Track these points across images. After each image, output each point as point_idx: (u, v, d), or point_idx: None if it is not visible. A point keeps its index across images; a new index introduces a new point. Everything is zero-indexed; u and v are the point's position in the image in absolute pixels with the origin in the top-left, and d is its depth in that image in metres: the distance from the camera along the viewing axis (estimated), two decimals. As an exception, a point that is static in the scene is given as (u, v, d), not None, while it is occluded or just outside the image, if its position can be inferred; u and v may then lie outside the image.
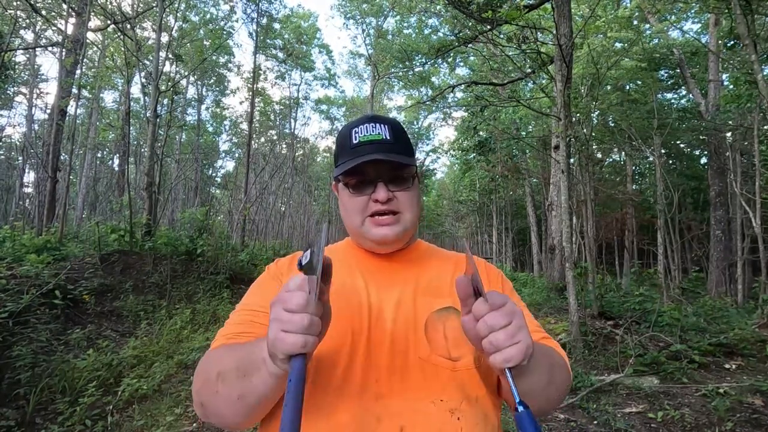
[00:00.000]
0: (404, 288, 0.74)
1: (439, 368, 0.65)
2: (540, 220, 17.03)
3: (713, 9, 6.87)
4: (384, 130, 0.74)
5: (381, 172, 0.72)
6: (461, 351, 0.66)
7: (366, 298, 0.72)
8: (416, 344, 0.67)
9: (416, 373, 0.65)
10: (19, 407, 2.87)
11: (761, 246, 7.08)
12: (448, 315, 0.69)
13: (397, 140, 0.74)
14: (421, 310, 0.70)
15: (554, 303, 7.70)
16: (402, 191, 0.74)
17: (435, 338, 0.67)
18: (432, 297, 0.72)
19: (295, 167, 23.44)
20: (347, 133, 0.75)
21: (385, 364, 0.65)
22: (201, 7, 16.55)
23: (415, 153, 0.78)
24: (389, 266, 0.78)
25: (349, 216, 0.76)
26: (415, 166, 0.76)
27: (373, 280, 0.75)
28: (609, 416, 3.13)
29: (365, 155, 0.71)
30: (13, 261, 4.66)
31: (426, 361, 0.65)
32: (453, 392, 0.64)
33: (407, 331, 0.68)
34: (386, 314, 0.70)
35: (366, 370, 0.64)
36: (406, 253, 0.81)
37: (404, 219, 0.74)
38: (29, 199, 17.36)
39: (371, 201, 0.73)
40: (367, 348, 0.66)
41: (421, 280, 0.75)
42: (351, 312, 0.69)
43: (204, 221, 7.49)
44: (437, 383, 0.64)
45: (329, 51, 25.17)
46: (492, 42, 7.73)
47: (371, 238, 0.74)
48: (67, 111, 8.87)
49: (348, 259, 0.80)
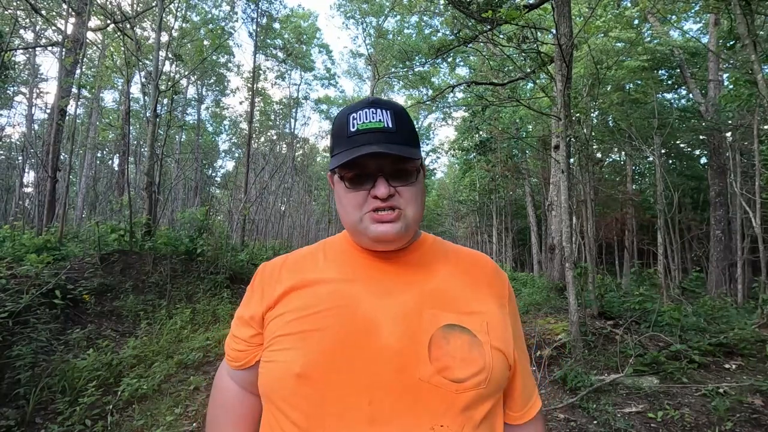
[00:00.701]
0: (407, 297, 0.65)
1: (441, 390, 0.58)
2: (540, 220, 17.03)
3: (713, 9, 6.87)
4: (386, 117, 0.65)
5: (382, 164, 0.64)
6: (467, 372, 0.60)
7: (361, 306, 0.64)
8: (417, 363, 0.59)
9: (415, 395, 0.58)
10: (19, 407, 2.87)
11: (761, 246, 7.08)
12: (454, 332, 0.62)
13: (400, 129, 0.66)
14: (425, 324, 0.62)
15: (554, 303, 7.69)
16: (405, 186, 0.66)
17: (439, 357, 0.60)
18: (438, 310, 0.64)
19: (295, 167, 23.44)
20: (344, 118, 0.67)
21: (379, 383, 0.58)
22: (201, 7, 16.56)
23: (420, 143, 0.70)
24: (391, 269, 0.69)
25: (346, 212, 0.68)
26: (419, 158, 0.67)
27: (371, 285, 0.67)
28: (609, 416, 3.13)
29: (364, 146, 0.63)
30: (13, 261, 4.66)
31: (426, 382, 0.58)
32: (455, 417, 0.58)
33: (406, 347, 0.60)
34: (383, 327, 0.61)
35: (358, 391, 0.58)
36: (410, 253, 0.72)
37: (406, 215, 0.66)
38: (29, 198, 17.36)
39: (370, 197, 0.65)
40: (359, 365, 0.59)
41: (426, 288, 0.67)
42: (342, 323, 0.62)
43: (204, 221, 7.49)
44: (438, 407, 0.58)
45: (329, 51, 25.20)
46: (492, 42, 7.73)
47: (369, 236, 0.66)
48: (67, 111, 8.87)
49: (344, 259, 0.72)
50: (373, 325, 0.62)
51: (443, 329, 0.62)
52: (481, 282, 0.72)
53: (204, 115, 24.82)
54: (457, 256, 0.75)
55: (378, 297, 0.65)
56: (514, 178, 17.11)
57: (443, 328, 0.62)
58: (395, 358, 0.59)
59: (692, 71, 11.75)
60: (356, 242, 0.72)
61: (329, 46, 26.91)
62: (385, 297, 0.65)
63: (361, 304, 0.64)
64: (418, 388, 0.58)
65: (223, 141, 28.00)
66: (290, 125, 25.05)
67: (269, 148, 24.58)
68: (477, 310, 0.67)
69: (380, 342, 0.60)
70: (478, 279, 0.72)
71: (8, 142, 21.15)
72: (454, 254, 0.76)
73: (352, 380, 0.58)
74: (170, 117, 10.89)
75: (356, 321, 0.62)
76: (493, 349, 0.63)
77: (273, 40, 19.08)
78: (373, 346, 0.60)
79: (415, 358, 0.59)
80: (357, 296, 0.65)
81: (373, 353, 0.60)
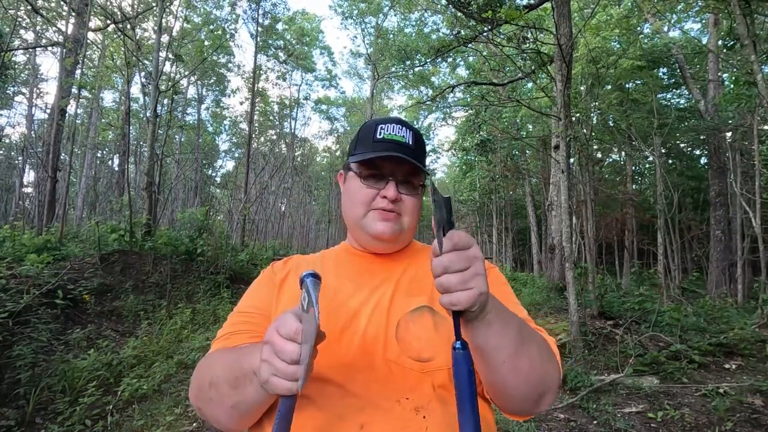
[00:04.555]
0: (385, 289, 0.74)
1: (407, 369, 0.65)
2: (540, 220, 17.02)
3: (713, 9, 6.87)
4: (408, 135, 0.77)
5: (395, 171, 0.75)
6: (433, 351, 0.66)
7: (348, 300, 0.73)
8: (386, 345, 0.66)
9: (384, 374, 0.64)
10: (19, 407, 2.87)
11: (761, 246, 7.08)
12: (422, 314, 0.69)
13: (417, 148, 0.77)
14: (395, 311, 0.70)
15: (554, 303, 7.69)
16: (409, 196, 0.76)
17: (405, 339, 0.67)
18: (410, 296, 0.72)
19: (294, 167, 23.44)
20: (373, 126, 0.78)
21: (354, 364, 0.65)
22: (202, 8, 16.55)
23: (427, 171, 0.80)
24: (377, 269, 0.79)
25: (353, 205, 0.77)
26: (425, 176, 0.79)
27: (359, 281, 0.76)
28: (609, 416, 3.13)
29: (387, 151, 0.73)
30: (13, 261, 4.66)
31: (394, 362, 0.65)
32: (422, 392, 0.63)
33: (378, 331, 0.68)
34: (362, 315, 0.70)
35: (336, 370, 0.64)
36: (397, 255, 0.82)
37: (404, 221, 0.76)
38: (29, 198, 17.36)
39: (379, 196, 0.74)
40: (339, 348, 0.66)
41: (403, 279, 0.76)
42: (331, 314, 0.70)
43: (204, 221, 7.49)
44: (405, 383, 0.64)
45: (330, 52, 25.18)
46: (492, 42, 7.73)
47: (370, 232, 0.75)
48: (67, 111, 8.87)
49: (340, 263, 0.82)
50: (355, 316, 0.70)
51: (411, 313, 0.70)
52: None
53: (204, 115, 24.83)
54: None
55: (362, 292, 0.74)
56: (514, 178, 17.10)
57: (411, 312, 0.70)
58: (369, 342, 0.67)
59: (692, 71, 11.75)
60: (354, 238, 0.82)
61: (331, 47, 26.87)
62: (369, 291, 0.74)
63: (348, 300, 0.73)
64: (387, 368, 0.65)
65: (223, 141, 27.97)
66: (290, 125, 25.06)
67: (269, 149, 24.57)
68: None
69: (358, 328, 0.69)
70: None
71: (8, 143, 21.16)
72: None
73: (332, 362, 0.65)
74: (170, 117, 10.89)
75: (341, 313, 0.71)
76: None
77: (274, 41, 19.06)
78: (352, 334, 0.68)
79: (384, 342, 0.67)
80: (346, 292, 0.75)
81: (350, 339, 0.68)
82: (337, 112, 28.83)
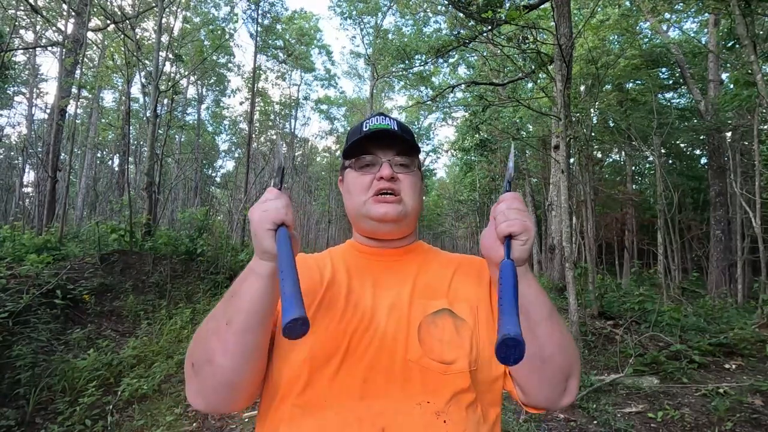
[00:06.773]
0: (401, 289, 0.74)
1: (430, 371, 0.64)
2: (540, 220, 17.01)
3: (713, 9, 6.87)
4: (392, 123, 0.79)
5: (387, 154, 0.77)
6: (455, 354, 0.65)
7: (362, 299, 0.72)
8: (407, 346, 0.66)
9: (404, 375, 0.64)
10: (19, 407, 2.87)
11: (761, 246, 7.08)
12: (443, 317, 0.69)
13: (403, 132, 0.79)
14: (415, 312, 0.70)
15: (554, 303, 7.68)
16: (405, 174, 0.78)
17: (428, 341, 0.66)
18: (428, 299, 0.72)
19: (294, 167, 23.43)
20: (359, 125, 0.81)
21: (373, 365, 0.64)
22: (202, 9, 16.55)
23: (419, 150, 0.83)
24: (389, 267, 0.79)
25: (353, 197, 0.78)
26: (418, 153, 0.81)
27: (372, 281, 0.76)
28: (609, 416, 3.13)
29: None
30: (13, 261, 4.66)
31: (416, 363, 0.64)
32: (442, 395, 0.63)
33: (398, 332, 0.67)
34: (379, 315, 0.70)
35: (354, 371, 0.64)
36: (406, 253, 0.82)
37: (405, 202, 0.77)
38: (29, 198, 17.35)
39: (376, 179, 0.76)
40: (357, 349, 0.66)
41: (419, 281, 0.76)
42: (346, 313, 0.69)
43: (204, 221, 7.49)
44: (426, 386, 0.63)
45: (329, 52, 25.16)
46: (492, 42, 7.73)
47: (372, 216, 0.75)
48: (66, 111, 8.87)
49: (348, 261, 0.81)
50: (370, 314, 0.70)
51: (432, 315, 0.70)
52: (470, 274, 0.79)
53: (204, 115, 24.82)
54: (449, 257, 0.85)
55: (376, 290, 0.74)
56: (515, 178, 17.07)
57: (432, 314, 0.70)
58: (389, 343, 0.66)
59: (692, 71, 11.74)
60: (360, 230, 0.83)
61: (329, 46, 26.84)
62: (384, 290, 0.74)
63: (362, 297, 0.73)
64: (408, 368, 0.64)
65: (223, 141, 27.95)
66: (290, 125, 25.05)
67: (269, 149, 24.56)
68: (466, 297, 0.74)
69: (377, 327, 0.68)
70: (468, 272, 0.80)
71: (8, 143, 21.15)
72: (447, 257, 0.85)
73: (349, 361, 0.65)
74: (170, 117, 10.89)
75: (357, 310, 0.70)
76: (482, 330, 0.70)
77: (274, 41, 19.06)
78: (369, 332, 0.68)
79: (406, 342, 0.66)
80: (358, 290, 0.74)
81: (369, 338, 0.67)
82: (338, 112, 28.86)
